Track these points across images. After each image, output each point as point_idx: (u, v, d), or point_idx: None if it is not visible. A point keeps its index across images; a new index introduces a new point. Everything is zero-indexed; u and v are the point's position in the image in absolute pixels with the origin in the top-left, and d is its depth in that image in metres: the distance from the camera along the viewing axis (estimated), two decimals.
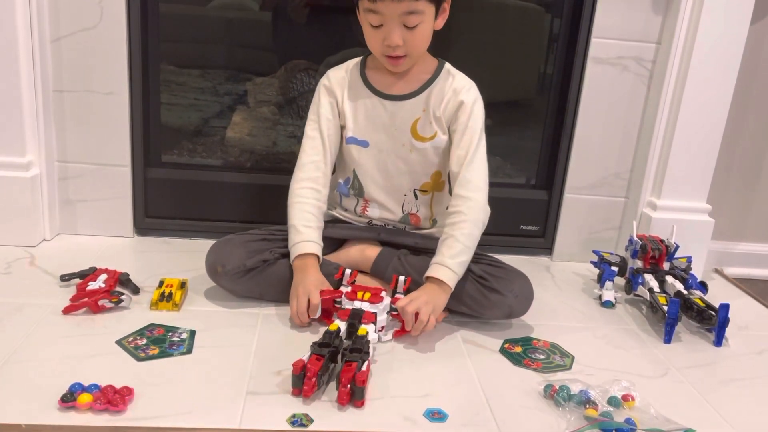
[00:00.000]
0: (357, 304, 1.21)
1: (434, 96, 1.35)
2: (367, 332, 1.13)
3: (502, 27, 1.74)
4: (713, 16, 1.51)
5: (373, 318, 1.18)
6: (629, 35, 1.58)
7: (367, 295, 1.23)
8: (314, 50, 1.67)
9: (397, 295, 1.27)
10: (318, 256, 1.30)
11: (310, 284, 1.23)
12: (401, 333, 1.23)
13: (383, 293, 1.25)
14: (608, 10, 1.55)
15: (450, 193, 1.34)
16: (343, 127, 1.39)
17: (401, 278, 1.30)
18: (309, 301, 1.22)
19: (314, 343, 1.08)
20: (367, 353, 1.08)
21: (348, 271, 1.31)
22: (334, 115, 1.38)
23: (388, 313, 1.23)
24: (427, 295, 1.22)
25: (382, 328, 1.21)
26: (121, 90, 1.51)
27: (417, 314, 1.19)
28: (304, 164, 1.36)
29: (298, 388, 1.02)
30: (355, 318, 1.17)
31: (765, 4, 1.62)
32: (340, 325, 1.15)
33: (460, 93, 1.34)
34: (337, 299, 1.25)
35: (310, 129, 1.38)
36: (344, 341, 1.13)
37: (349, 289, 1.26)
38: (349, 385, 1.00)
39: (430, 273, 1.24)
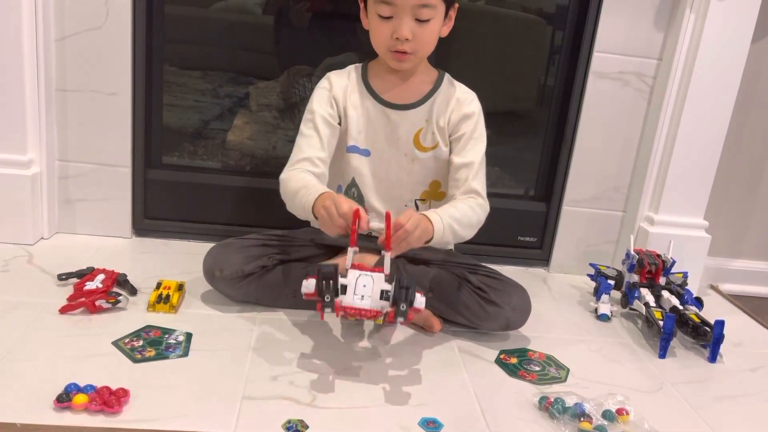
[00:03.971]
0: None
1: (437, 106, 1.34)
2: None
3: (505, 38, 1.75)
4: (715, 33, 1.52)
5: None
6: (631, 50, 1.59)
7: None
8: (316, 55, 1.67)
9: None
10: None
11: (344, 202, 1.13)
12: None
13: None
14: (611, 25, 1.56)
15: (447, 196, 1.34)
16: (343, 133, 1.35)
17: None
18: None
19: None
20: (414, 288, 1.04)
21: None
22: (333, 117, 1.32)
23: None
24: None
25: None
26: (124, 90, 1.51)
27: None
28: (298, 160, 1.28)
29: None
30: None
31: (767, 23, 1.63)
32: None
33: (464, 104, 1.34)
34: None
35: (305, 128, 1.32)
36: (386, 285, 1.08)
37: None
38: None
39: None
